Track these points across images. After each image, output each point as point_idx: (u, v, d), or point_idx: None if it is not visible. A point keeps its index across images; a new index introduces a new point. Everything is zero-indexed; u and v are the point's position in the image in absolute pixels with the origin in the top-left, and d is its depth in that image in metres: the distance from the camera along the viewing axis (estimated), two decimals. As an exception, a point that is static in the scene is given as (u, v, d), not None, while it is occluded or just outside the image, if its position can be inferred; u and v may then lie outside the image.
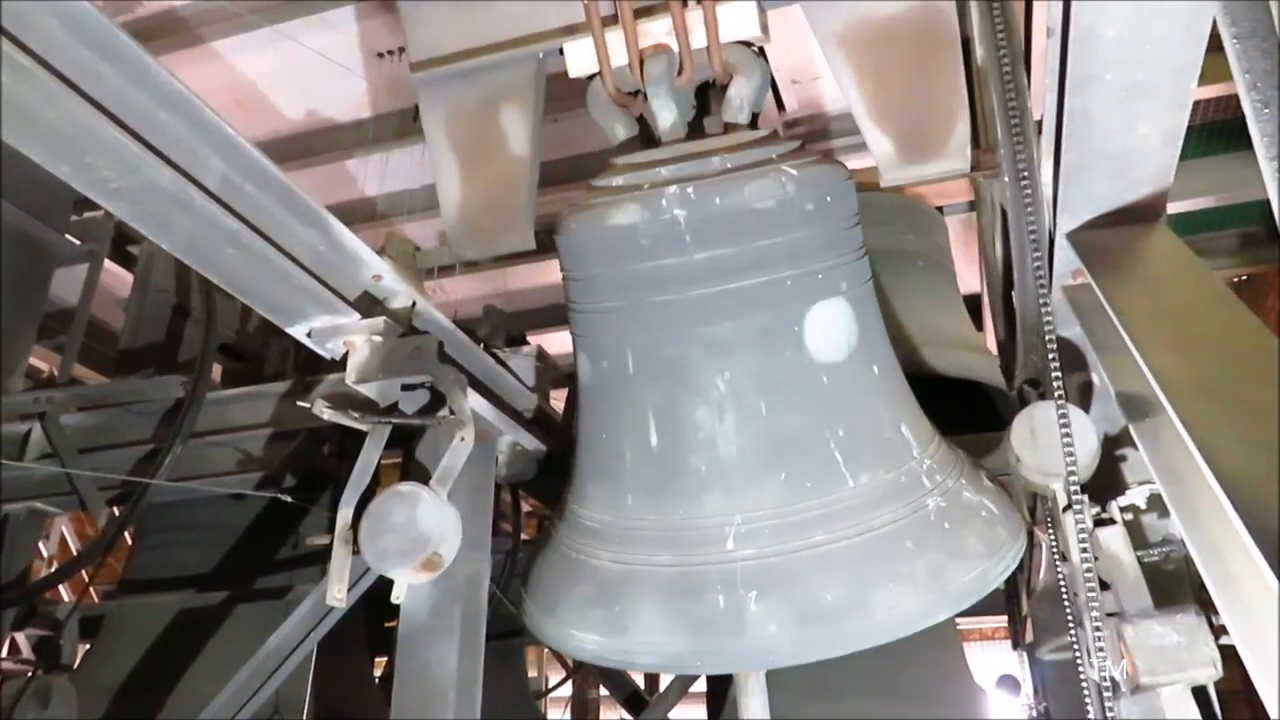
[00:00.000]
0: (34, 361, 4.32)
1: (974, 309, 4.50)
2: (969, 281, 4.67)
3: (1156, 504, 2.28)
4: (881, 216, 3.77)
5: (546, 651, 7.57)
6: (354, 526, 2.16)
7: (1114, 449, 2.29)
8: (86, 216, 4.32)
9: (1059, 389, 1.77)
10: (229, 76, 4.07)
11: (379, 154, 4.42)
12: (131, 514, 3.31)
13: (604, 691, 6.59)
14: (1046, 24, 1.58)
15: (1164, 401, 1.50)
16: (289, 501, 3.29)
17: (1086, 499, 1.95)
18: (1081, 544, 1.83)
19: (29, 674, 3.45)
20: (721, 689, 3.32)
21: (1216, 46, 1.41)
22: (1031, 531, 2.34)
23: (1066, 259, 2.05)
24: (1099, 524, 2.07)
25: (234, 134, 1.74)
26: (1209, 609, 1.75)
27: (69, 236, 4.22)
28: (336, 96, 4.28)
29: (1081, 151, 1.78)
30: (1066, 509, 1.95)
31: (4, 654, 4.00)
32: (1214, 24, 1.42)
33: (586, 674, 6.79)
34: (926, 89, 2.19)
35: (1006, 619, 5.67)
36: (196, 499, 3.44)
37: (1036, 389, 2.43)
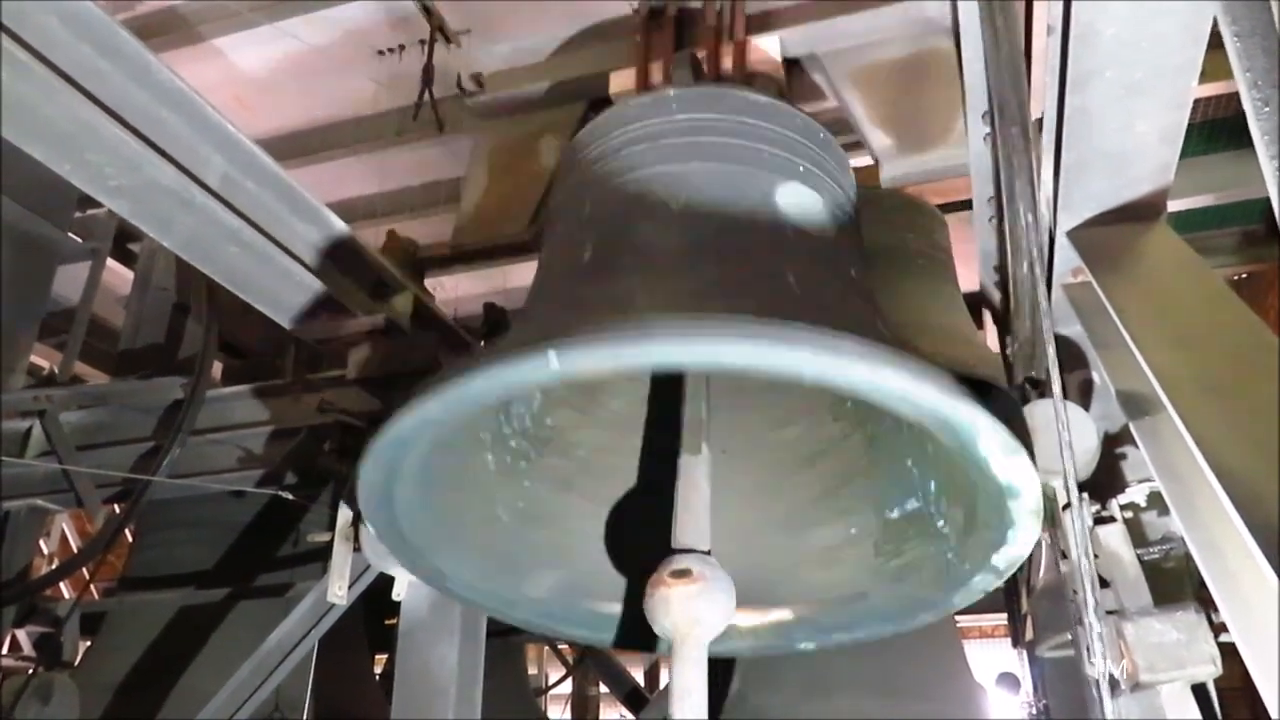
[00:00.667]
0: (35, 359, 4.32)
1: (974, 307, 4.49)
2: (969, 279, 4.67)
3: (1156, 502, 2.28)
4: (881, 215, 3.77)
5: (547, 649, 7.57)
6: (355, 524, 2.16)
7: (1114, 447, 2.29)
8: (88, 214, 4.32)
9: (1059, 387, 1.77)
10: (229, 74, 4.07)
11: (379, 152, 4.42)
12: (132, 511, 3.31)
13: (604, 689, 6.59)
14: (1047, 21, 1.59)
15: (1164, 399, 1.50)
16: (289, 499, 3.29)
17: (1086, 497, 1.95)
18: (1081, 542, 1.83)
19: (30, 671, 3.45)
20: (723, 686, 3.32)
21: (1217, 44, 1.41)
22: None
23: (1066, 257, 2.05)
24: (1099, 522, 2.07)
25: (235, 131, 1.74)
26: (1209, 607, 1.75)
27: (71, 234, 4.23)
28: (337, 94, 4.29)
29: (1081, 149, 1.78)
30: (1066, 507, 1.94)
31: (5, 651, 4.01)
32: (1214, 22, 1.42)
33: (587, 671, 6.80)
34: (925, 101, 2.27)
35: (1006, 616, 5.68)
36: (197, 496, 3.44)
37: (1036, 387, 2.43)
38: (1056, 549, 2.17)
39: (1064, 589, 2.11)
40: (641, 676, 6.87)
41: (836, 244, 1.93)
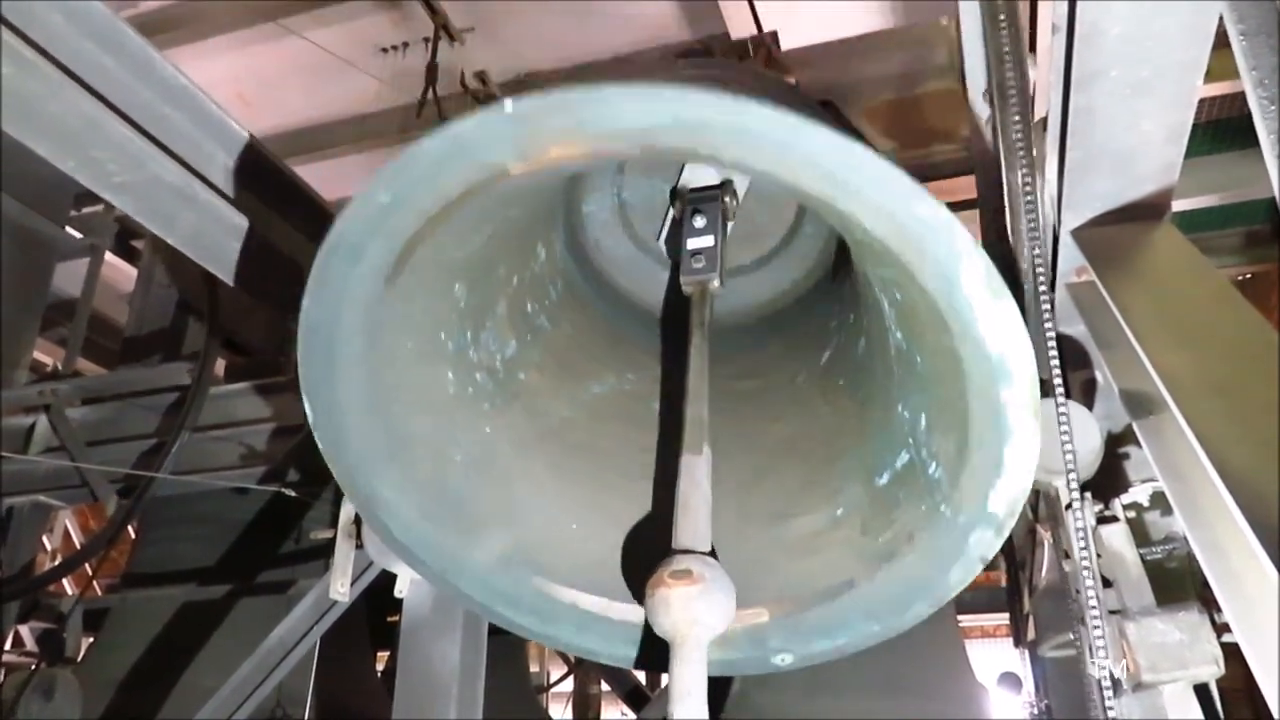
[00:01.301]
0: (39, 355, 4.33)
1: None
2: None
3: (1159, 502, 2.28)
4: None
5: (548, 648, 7.57)
6: (357, 521, 2.17)
7: (1117, 446, 2.29)
8: (87, 211, 4.33)
9: (1062, 386, 1.77)
10: (232, 70, 4.08)
11: (383, 149, 4.42)
12: (135, 508, 3.32)
13: (605, 687, 6.60)
14: (1051, 20, 1.58)
15: (1168, 399, 1.49)
16: (292, 496, 3.30)
17: (1089, 496, 1.95)
18: (1084, 542, 1.82)
19: (33, 667, 3.46)
20: (724, 686, 3.32)
21: (1223, 43, 1.41)
22: (1034, 529, 2.34)
23: (1070, 256, 2.05)
24: (1102, 521, 2.07)
25: (238, 128, 1.74)
26: (1211, 607, 1.75)
27: (70, 230, 4.23)
28: (340, 91, 4.29)
29: (1086, 148, 1.78)
30: (1069, 506, 1.94)
31: (8, 647, 4.01)
32: (1220, 20, 1.42)
33: (588, 669, 6.80)
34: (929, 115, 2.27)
35: (1008, 616, 5.68)
36: (200, 493, 3.45)
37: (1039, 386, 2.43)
38: (1059, 548, 2.17)
39: (1066, 589, 2.12)
40: (643, 675, 6.87)
41: None
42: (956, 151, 3.39)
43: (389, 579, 2.19)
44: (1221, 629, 1.76)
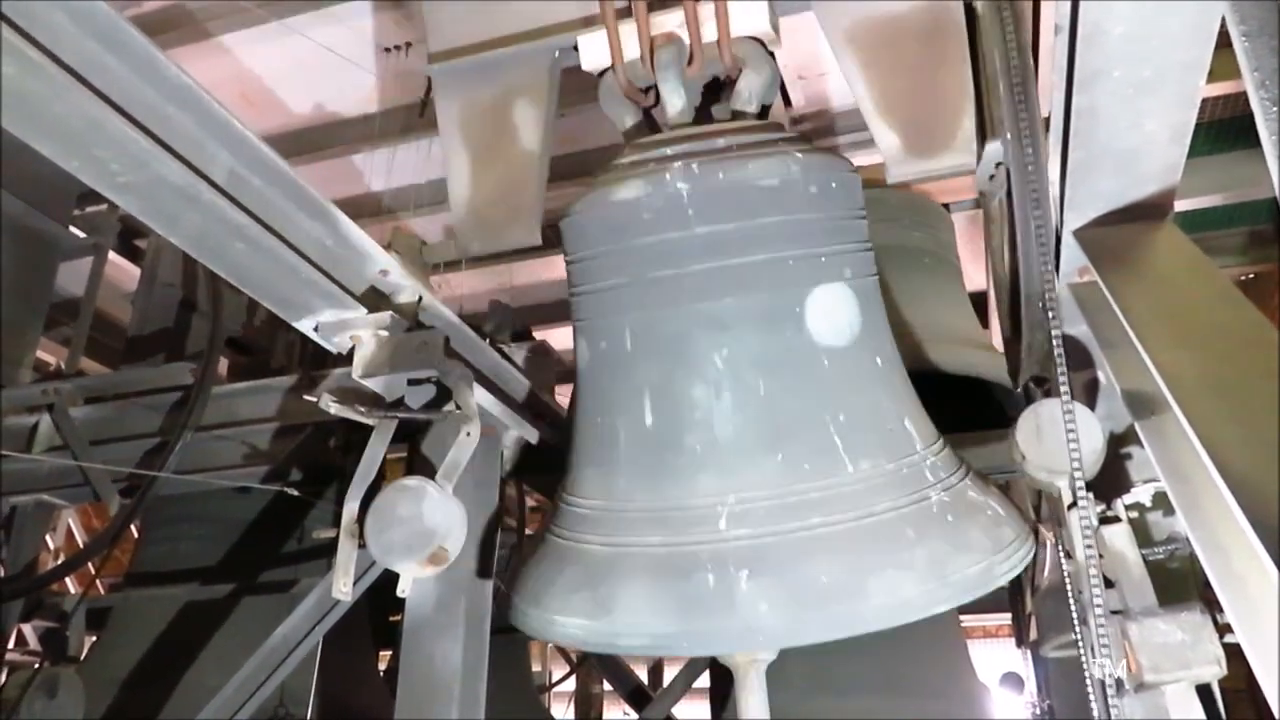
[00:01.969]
0: (42, 355, 4.34)
1: (980, 306, 4.49)
2: (975, 278, 4.67)
3: (1161, 502, 2.28)
4: (888, 213, 3.77)
5: (551, 647, 7.58)
6: (360, 520, 2.17)
7: (1119, 447, 2.29)
8: (90, 210, 4.34)
9: (1065, 386, 1.77)
10: (235, 70, 4.08)
11: (385, 149, 4.42)
12: (138, 507, 3.32)
13: (608, 687, 6.60)
14: (1054, 20, 1.58)
15: (1170, 399, 1.49)
16: (295, 495, 3.30)
17: (1091, 497, 1.95)
18: (1086, 542, 1.82)
19: (36, 665, 3.46)
20: (725, 686, 3.32)
21: (1225, 43, 1.41)
22: (1036, 529, 2.34)
23: (1073, 256, 2.05)
24: (1104, 522, 2.07)
25: (242, 128, 1.74)
26: (1213, 607, 1.75)
27: (73, 229, 4.24)
28: (343, 91, 4.29)
29: (1089, 149, 1.78)
30: (1071, 507, 1.94)
31: (11, 646, 4.02)
32: (1223, 21, 1.42)
33: (590, 669, 6.80)
34: (933, 84, 2.21)
35: (1010, 616, 5.67)
36: (203, 492, 3.44)
37: (1042, 386, 2.43)
38: (1061, 549, 2.17)
39: (1068, 589, 2.12)
40: (645, 675, 6.87)
41: (865, 328, 2.08)
42: (964, 157, 3.37)
43: (391, 578, 2.19)
44: (1223, 629, 1.75)
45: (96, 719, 3.42)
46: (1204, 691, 1.90)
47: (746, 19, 2.23)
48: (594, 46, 2.33)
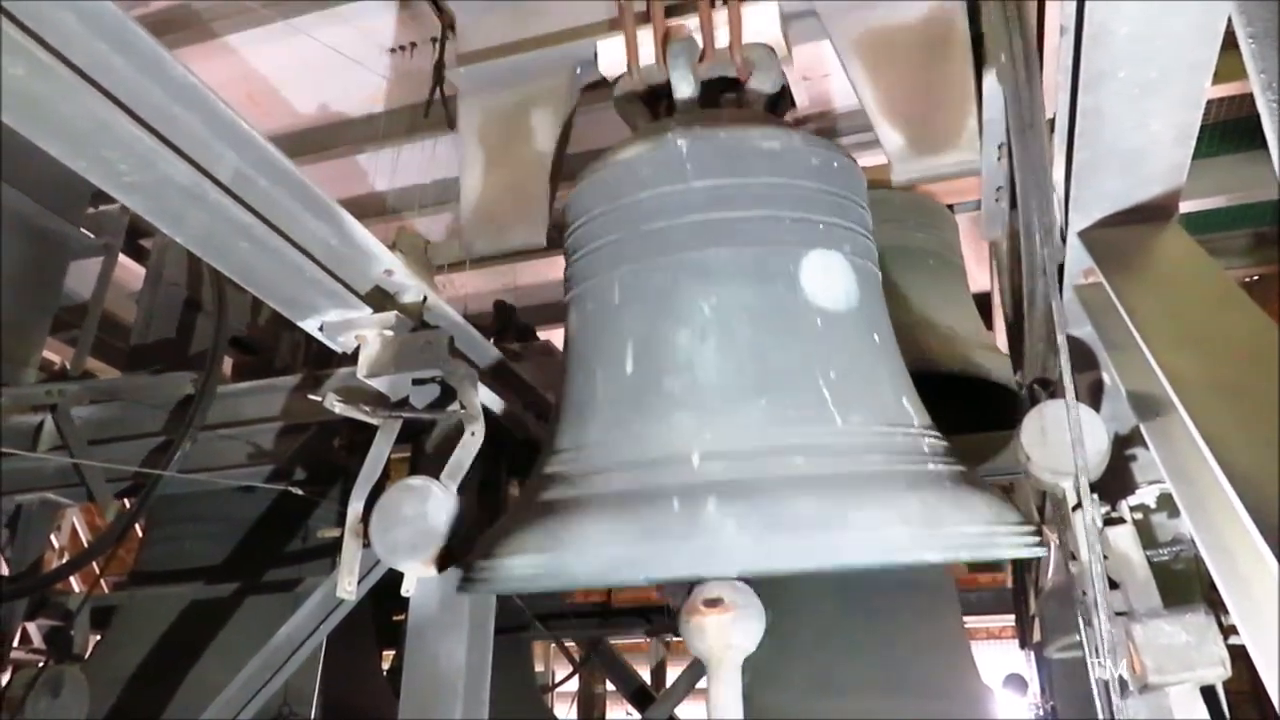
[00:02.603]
0: (47, 354, 4.34)
1: (984, 307, 4.49)
2: (979, 279, 4.67)
3: (1166, 503, 2.27)
4: (892, 213, 3.77)
5: (554, 647, 7.58)
6: (364, 520, 2.17)
7: (1124, 448, 2.29)
8: (101, 210, 4.35)
9: (1069, 388, 1.77)
10: (241, 70, 4.09)
11: (390, 149, 4.43)
12: (143, 506, 3.33)
13: (610, 686, 6.60)
14: (1059, 21, 1.58)
15: (1175, 401, 1.49)
16: (299, 494, 3.31)
17: (1096, 498, 1.95)
18: (1091, 543, 1.82)
19: (40, 664, 3.47)
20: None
21: (1230, 44, 1.41)
22: (1041, 531, 2.34)
23: (1078, 257, 2.04)
24: (1109, 523, 2.07)
25: (248, 128, 1.75)
26: (1218, 609, 1.74)
27: (83, 230, 4.25)
28: (348, 91, 4.30)
29: (1094, 149, 1.78)
30: (1076, 508, 1.94)
31: (16, 644, 4.03)
32: (1229, 21, 1.42)
33: (593, 669, 6.81)
34: (938, 87, 2.23)
35: (1014, 618, 5.67)
36: (207, 491, 3.46)
37: (1046, 388, 2.43)
38: (1066, 550, 2.16)
39: (1072, 590, 2.11)
40: (648, 674, 6.87)
41: (862, 304, 2.02)
42: (968, 155, 3.37)
43: (395, 577, 2.20)
44: (1228, 631, 1.75)
45: (101, 718, 3.43)
46: (1208, 693, 1.90)
47: (757, 25, 2.29)
48: (612, 51, 2.40)
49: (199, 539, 3.95)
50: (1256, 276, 5.72)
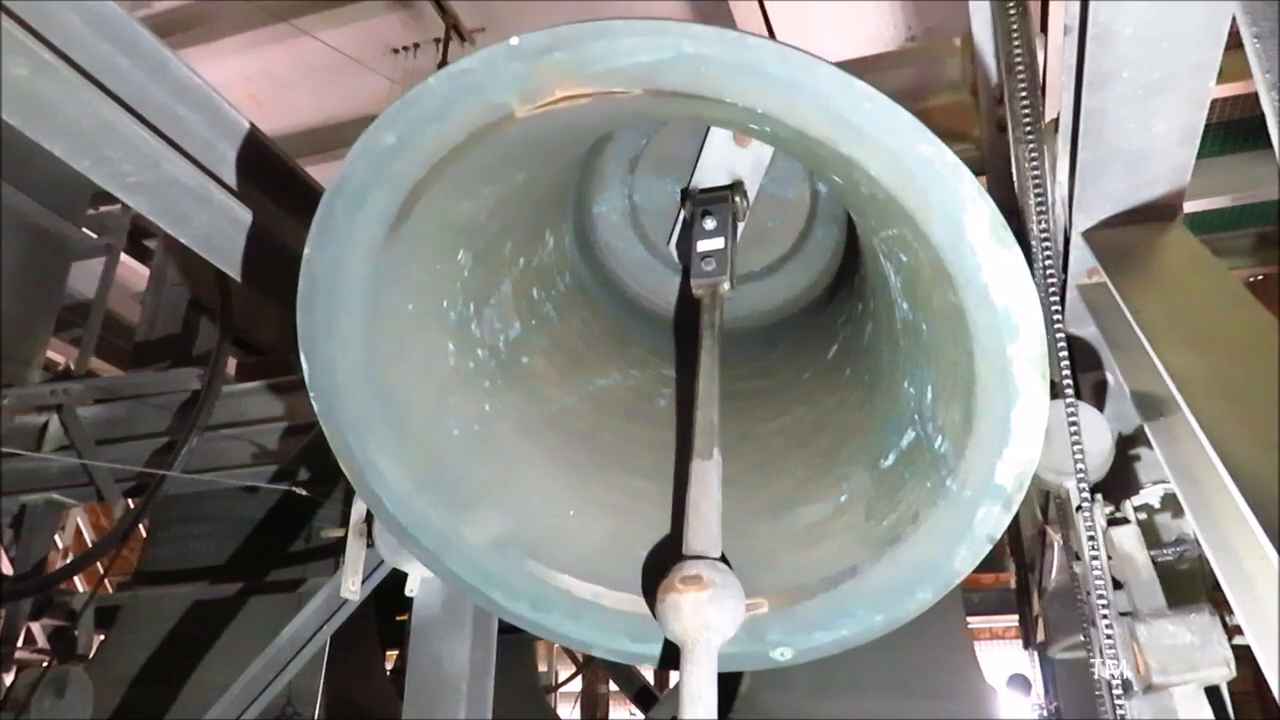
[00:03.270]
0: (51, 354, 4.36)
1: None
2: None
3: (1171, 503, 2.27)
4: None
5: (557, 647, 7.58)
6: (368, 520, 2.17)
7: (1128, 448, 2.29)
8: (103, 210, 4.35)
9: (1074, 388, 1.77)
10: (244, 71, 4.10)
11: (393, 149, 4.43)
12: (147, 506, 3.34)
13: (614, 687, 6.61)
14: (1064, 21, 1.58)
15: (1179, 400, 1.49)
16: (303, 494, 3.31)
17: (1100, 498, 1.94)
18: (1094, 543, 1.82)
19: (45, 664, 3.48)
20: (732, 686, 3.32)
21: (1234, 44, 1.40)
22: (1044, 531, 2.34)
23: (1082, 257, 2.04)
24: (1113, 523, 2.07)
25: (252, 128, 1.75)
26: (1222, 609, 1.74)
27: (86, 230, 4.26)
28: (351, 92, 4.31)
29: (1098, 149, 1.77)
30: (1080, 508, 1.94)
31: (20, 644, 4.04)
32: (1233, 21, 1.41)
33: (596, 670, 6.81)
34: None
35: (1017, 618, 5.66)
36: (211, 492, 3.47)
37: (1050, 388, 2.42)
38: (1070, 550, 2.16)
39: (1076, 591, 2.11)
40: (651, 675, 6.87)
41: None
42: (967, 152, 3.38)
43: (399, 578, 2.20)
44: (1233, 631, 1.75)
45: (105, 717, 3.43)
46: (1213, 693, 1.90)
47: None
48: None
49: (203, 539, 3.96)
50: (1260, 276, 5.71)
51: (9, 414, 3.62)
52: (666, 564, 1.44)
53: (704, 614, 1.46)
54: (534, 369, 1.89)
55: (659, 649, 1.63)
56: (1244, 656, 1.62)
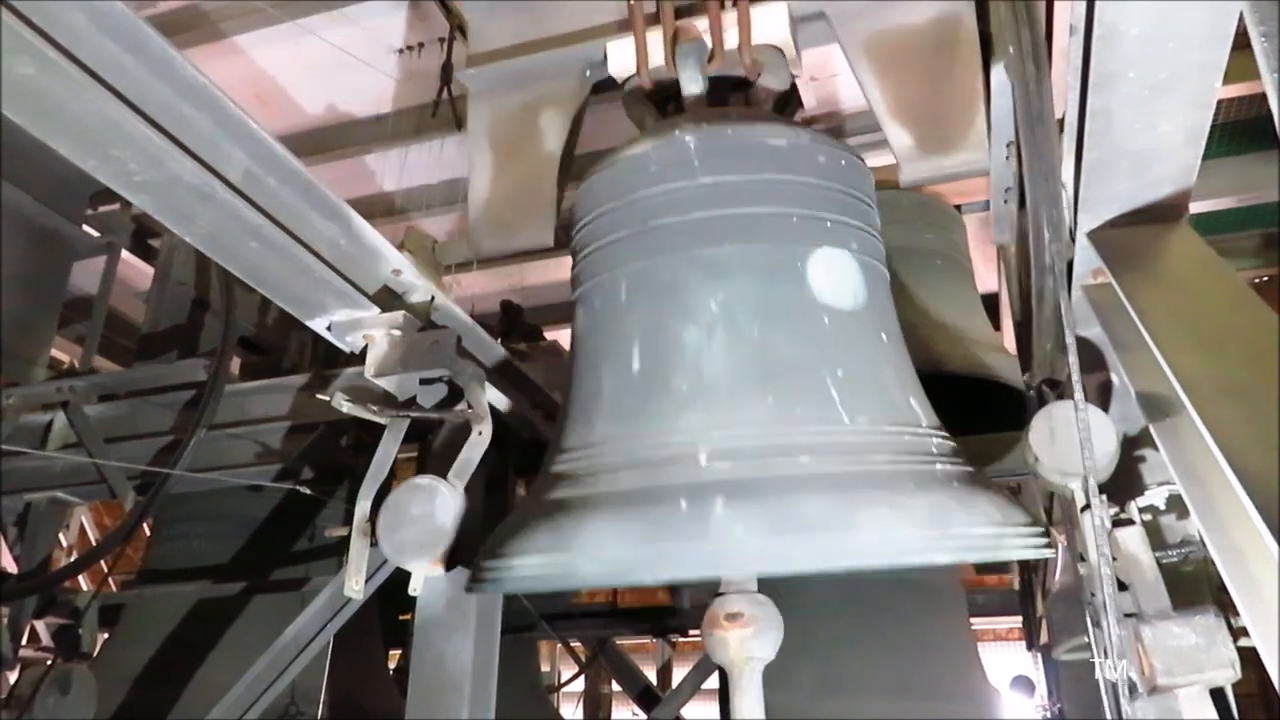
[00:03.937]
0: (56, 353, 4.36)
1: (991, 308, 4.48)
2: (987, 280, 4.66)
3: (1176, 505, 2.26)
4: (899, 215, 3.77)
5: (560, 647, 7.58)
6: (372, 519, 2.18)
7: (1133, 449, 2.28)
8: (104, 209, 4.36)
9: (1079, 389, 1.77)
10: (249, 70, 4.10)
11: (398, 149, 4.44)
12: (151, 504, 3.34)
13: (616, 687, 6.61)
14: (1069, 21, 1.57)
15: (1185, 401, 1.49)
16: (307, 494, 3.31)
17: (1105, 499, 1.94)
18: (1099, 544, 1.82)
19: (49, 662, 3.48)
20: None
21: (1241, 44, 1.40)
22: (1049, 532, 2.33)
23: (1087, 258, 2.04)
24: (1117, 524, 2.06)
25: (256, 128, 1.75)
26: (1228, 610, 1.74)
27: (86, 228, 4.26)
28: (356, 91, 4.31)
29: (1103, 150, 1.77)
30: (1084, 509, 1.93)
31: (24, 642, 4.05)
32: (1240, 20, 1.41)
33: (599, 669, 6.81)
34: (946, 88, 2.23)
35: (1021, 619, 5.65)
36: (215, 490, 3.47)
37: (1055, 389, 2.42)
38: (1074, 551, 2.16)
39: (1080, 592, 2.11)
40: (654, 675, 6.87)
41: (870, 303, 2.01)
42: (977, 155, 3.37)
43: (402, 577, 2.20)
44: (1238, 633, 1.74)
45: (109, 716, 3.44)
46: (1218, 695, 1.89)
47: (768, 27, 2.28)
48: (622, 53, 2.40)
49: (207, 538, 3.97)
50: (1266, 277, 5.69)
51: (14, 413, 3.63)
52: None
53: (748, 647, 1.73)
54: None
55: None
56: (1249, 659, 1.62)
